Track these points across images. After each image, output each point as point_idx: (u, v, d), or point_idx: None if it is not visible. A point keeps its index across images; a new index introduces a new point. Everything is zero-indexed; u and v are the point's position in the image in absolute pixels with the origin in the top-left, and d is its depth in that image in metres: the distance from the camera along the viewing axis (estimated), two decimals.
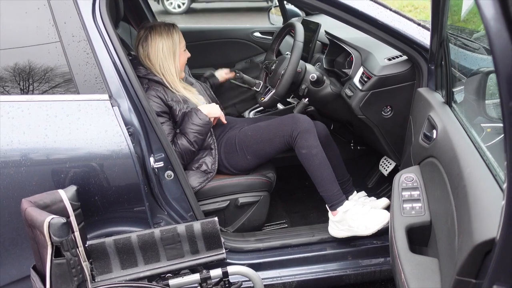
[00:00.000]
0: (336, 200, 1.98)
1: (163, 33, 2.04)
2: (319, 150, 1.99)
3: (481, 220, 1.00)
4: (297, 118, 2.05)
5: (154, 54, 2.03)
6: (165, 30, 2.04)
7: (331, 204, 2.00)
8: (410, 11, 8.98)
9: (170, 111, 2.02)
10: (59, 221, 1.30)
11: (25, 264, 1.58)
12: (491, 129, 1.45)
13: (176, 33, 2.06)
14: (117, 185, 1.68)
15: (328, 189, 1.99)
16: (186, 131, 2.01)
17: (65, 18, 1.65)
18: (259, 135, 2.09)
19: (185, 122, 2.04)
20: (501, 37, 0.65)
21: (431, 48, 1.68)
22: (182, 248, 1.59)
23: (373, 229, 1.93)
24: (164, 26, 2.06)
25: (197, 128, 2.01)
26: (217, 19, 9.82)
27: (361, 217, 1.95)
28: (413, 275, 1.29)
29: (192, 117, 2.02)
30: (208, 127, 2.07)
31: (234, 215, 2.16)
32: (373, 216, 1.95)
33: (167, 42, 2.03)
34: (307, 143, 1.99)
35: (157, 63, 2.03)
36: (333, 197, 1.99)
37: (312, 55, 2.72)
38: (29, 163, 1.59)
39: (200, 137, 2.03)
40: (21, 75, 1.64)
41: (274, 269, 2.02)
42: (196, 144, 2.03)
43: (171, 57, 2.04)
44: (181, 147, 1.99)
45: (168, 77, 2.04)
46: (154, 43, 2.03)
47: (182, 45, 2.10)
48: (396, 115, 2.01)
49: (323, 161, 1.99)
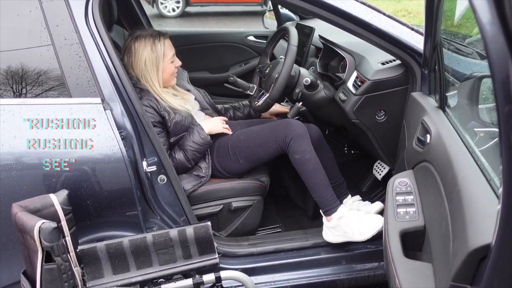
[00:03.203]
0: (330, 206, 1.98)
1: (147, 45, 1.99)
2: (313, 155, 1.99)
3: (476, 226, 0.99)
4: (290, 123, 2.04)
5: (137, 65, 2.00)
6: (150, 41, 1.99)
7: (325, 210, 1.99)
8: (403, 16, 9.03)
9: (163, 121, 2.00)
10: (50, 225, 1.29)
11: (16, 270, 1.56)
12: (484, 134, 1.45)
13: (161, 45, 2.01)
14: (109, 189, 1.67)
15: (322, 194, 1.99)
16: (185, 148, 2.01)
17: (57, 21, 1.64)
18: (252, 140, 2.08)
19: (185, 138, 2.03)
20: (497, 41, 0.65)
21: (425, 53, 1.68)
22: (174, 253, 1.58)
23: (367, 235, 1.92)
24: (149, 37, 2.00)
25: (196, 147, 2.02)
26: (211, 23, 9.83)
27: (356, 223, 1.94)
28: (407, 280, 1.28)
29: (193, 134, 2.02)
30: (207, 146, 2.07)
31: (228, 220, 2.15)
32: (368, 221, 1.94)
33: (150, 55, 1.99)
34: (300, 148, 1.98)
35: (140, 74, 2.01)
36: (327, 202, 1.98)
37: (306, 59, 2.72)
38: (20, 167, 1.57)
39: (198, 155, 2.04)
40: (13, 78, 1.62)
41: (268, 273, 2.01)
42: (193, 161, 2.04)
43: (154, 70, 2.00)
44: (177, 161, 1.99)
45: (151, 88, 2.01)
46: (137, 54, 1.99)
47: (168, 57, 2.04)
48: (390, 120, 2.01)
49: (317, 166, 1.99)
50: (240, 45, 3.50)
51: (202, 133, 2.03)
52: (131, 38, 2.03)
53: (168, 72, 2.07)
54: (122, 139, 1.64)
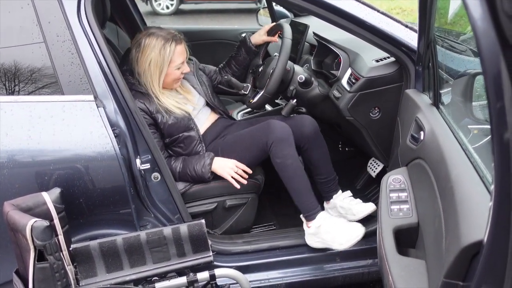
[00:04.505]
0: (309, 212, 1.97)
1: (157, 46, 1.94)
2: (294, 160, 1.95)
3: (468, 222, 0.99)
4: (272, 127, 1.99)
5: (142, 62, 1.96)
6: (160, 43, 1.95)
7: (305, 215, 1.99)
8: (397, 14, 9.04)
9: (156, 123, 1.99)
10: (42, 224, 1.28)
11: (8, 269, 1.55)
12: (478, 131, 1.45)
13: (170, 51, 1.96)
14: (102, 187, 1.66)
15: (301, 200, 1.97)
16: (185, 170, 1.99)
17: (49, 18, 1.62)
18: (239, 144, 2.07)
19: (190, 160, 2.01)
20: (488, 37, 0.64)
21: (419, 50, 1.68)
22: (168, 251, 1.57)
23: (346, 245, 1.91)
24: (162, 38, 1.95)
25: (193, 175, 1.99)
26: (205, 20, 9.80)
27: (335, 232, 1.94)
28: (401, 277, 1.29)
29: (200, 162, 1.99)
30: (200, 181, 2.03)
31: (222, 217, 2.14)
32: (347, 231, 1.93)
33: (157, 57, 1.94)
34: (281, 152, 1.95)
35: (142, 71, 1.97)
36: (307, 208, 1.97)
37: (300, 56, 2.71)
38: (12, 165, 1.56)
39: (187, 178, 2.01)
40: (5, 75, 1.61)
41: (262, 271, 2.01)
42: (179, 179, 2.01)
43: (157, 72, 1.96)
44: (170, 167, 1.97)
45: (150, 87, 1.99)
46: (144, 52, 1.95)
47: (175, 63, 1.99)
48: (384, 117, 2.01)
49: (298, 171, 1.96)
50: (234, 42, 3.49)
51: (206, 167, 1.98)
52: (144, 33, 1.99)
53: (171, 77, 2.02)
54: (115, 137, 1.63)
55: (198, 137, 2.10)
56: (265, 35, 2.30)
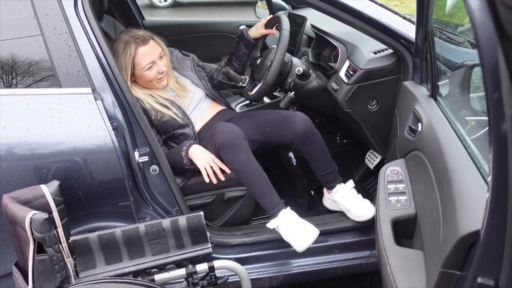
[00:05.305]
0: (271, 211, 1.94)
1: (120, 51, 1.94)
2: (243, 164, 1.90)
3: (465, 213, 1.00)
4: (218, 130, 1.93)
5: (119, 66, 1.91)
6: (122, 47, 1.94)
7: (268, 215, 1.98)
8: (396, 6, 9.01)
9: (150, 120, 1.99)
10: (41, 216, 1.28)
11: (7, 261, 1.56)
12: (475, 122, 1.46)
13: (130, 53, 1.94)
14: (101, 180, 1.66)
15: (260, 201, 1.95)
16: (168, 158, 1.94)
17: (46, 10, 1.62)
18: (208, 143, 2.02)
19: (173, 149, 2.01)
20: (486, 27, 0.65)
21: (416, 42, 1.68)
22: (167, 243, 1.58)
23: (303, 247, 1.88)
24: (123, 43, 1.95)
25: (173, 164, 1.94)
26: (203, 13, 9.75)
27: (292, 234, 1.91)
28: (399, 268, 1.30)
29: (179, 148, 1.98)
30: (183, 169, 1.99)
31: (221, 210, 2.15)
32: (302, 233, 1.89)
33: (122, 62, 1.95)
34: (227, 158, 1.92)
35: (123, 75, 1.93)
36: (267, 209, 1.95)
37: (298, 48, 2.70)
38: (10, 158, 1.56)
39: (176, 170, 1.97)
40: (3, 68, 1.61)
41: (261, 263, 2.02)
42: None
43: (128, 75, 1.96)
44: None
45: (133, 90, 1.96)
46: (116, 57, 1.93)
47: (140, 66, 1.97)
48: (382, 109, 2.01)
49: (252, 175, 1.91)
50: (232, 35, 3.48)
51: (183, 152, 1.96)
52: (116, 37, 2.00)
53: (145, 78, 2.01)
54: (113, 130, 1.63)
55: (193, 133, 2.10)
56: (263, 28, 2.28)
